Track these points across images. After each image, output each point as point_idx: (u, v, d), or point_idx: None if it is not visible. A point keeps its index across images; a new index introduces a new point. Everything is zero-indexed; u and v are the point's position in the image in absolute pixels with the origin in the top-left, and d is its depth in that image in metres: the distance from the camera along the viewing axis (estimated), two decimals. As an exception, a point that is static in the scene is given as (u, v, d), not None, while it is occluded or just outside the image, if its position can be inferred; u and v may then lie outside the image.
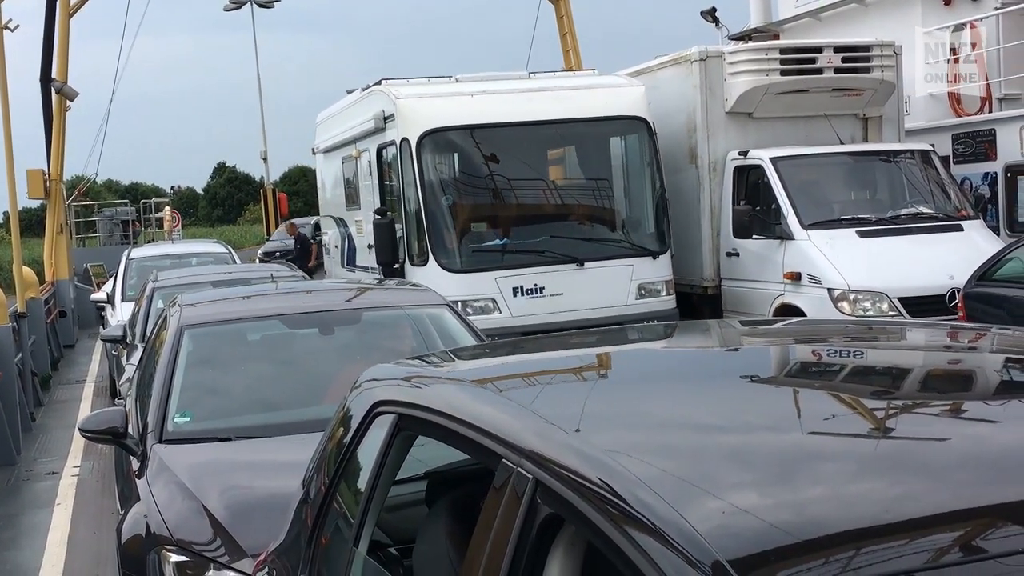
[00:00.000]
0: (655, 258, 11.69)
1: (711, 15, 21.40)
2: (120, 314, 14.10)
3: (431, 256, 11.24)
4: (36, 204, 26.31)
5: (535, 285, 11.24)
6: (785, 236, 11.35)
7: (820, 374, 2.53)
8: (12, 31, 18.43)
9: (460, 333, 6.16)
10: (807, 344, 2.86)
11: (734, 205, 12.06)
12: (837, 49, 12.41)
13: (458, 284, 10.91)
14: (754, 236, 11.80)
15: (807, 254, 11.09)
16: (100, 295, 17.02)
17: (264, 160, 36.17)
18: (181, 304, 6.52)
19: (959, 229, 11.43)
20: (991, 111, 14.71)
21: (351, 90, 14.74)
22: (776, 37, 17.73)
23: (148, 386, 5.95)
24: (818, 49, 12.46)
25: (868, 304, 10.55)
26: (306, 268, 21.99)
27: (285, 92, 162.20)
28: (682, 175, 12.47)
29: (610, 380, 2.68)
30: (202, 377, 5.93)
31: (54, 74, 21.15)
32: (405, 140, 11.45)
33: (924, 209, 11.74)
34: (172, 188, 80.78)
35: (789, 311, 11.10)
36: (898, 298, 10.49)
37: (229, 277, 10.67)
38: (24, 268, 15.40)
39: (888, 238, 11.13)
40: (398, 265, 11.60)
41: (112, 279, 17.88)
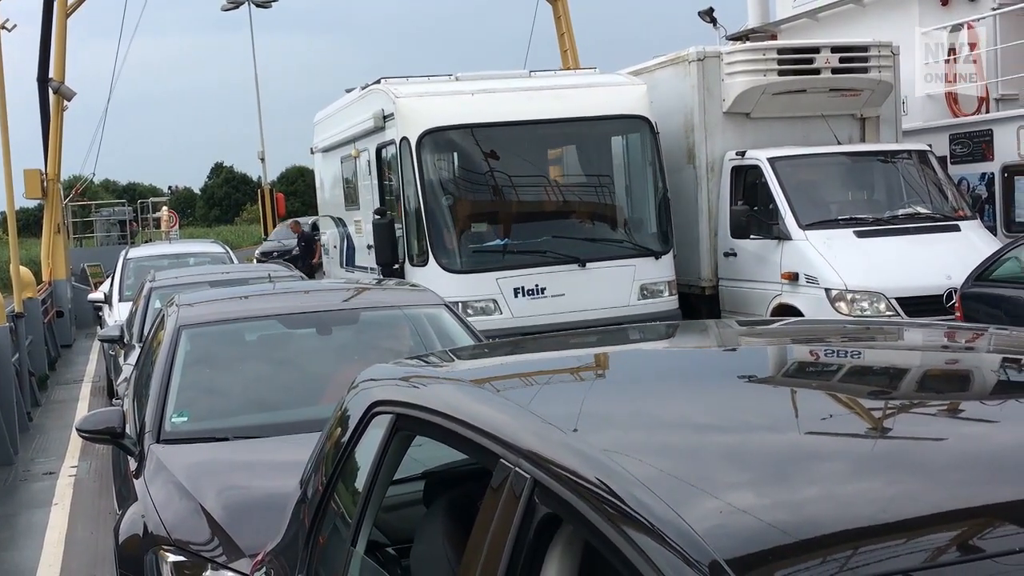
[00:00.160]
0: (657, 258, 11.59)
1: (709, 15, 21.41)
2: (117, 314, 14.10)
3: (431, 256, 11.13)
4: (33, 204, 26.27)
5: (536, 286, 11.13)
6: (783, 236, 11.35)
7: (817, 374, 2.53)
8: (9, 31, 18.45)
9: (458, 333, 6.16)
10: (804, 344, 2.86)
11: (732, 205, 12.06)
12: (835, 49, 12.41)
13: (458, 285, 10.83)
14: (752, 236, 11.79)
15: (805, 254, 11.09)
16: (97, 295, 17.02)
17: (262, 160, 36.14)
18: (178, 304, 6.52)
19: (956, 229, 11.43)
20: (988, 111, 14.71)
21: (350, 89, 14.61)
22: (774, 37, 17.74)
23: (145, 386, 5.95)
24: (815, 49, 12.46)
25: (865, 304, 10.55)
26: (309, 266, 22.01)
27: (283, 92, 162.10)
28: (680, 175, 12.46)
29: (608, 380, 2.68)
30: (199, 377, 5.92)
31: (51, 74, 21.12)
32: (405, 139, 11.35)
33: (921, 209, 11.74)
34: (169, 188, 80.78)
35: (787, 311, 11.10)
36: (895, 298, 10.49)
37: (226, 277, 10.66)
38: (21, 268, 15.37)
39: (885, 238, 11.13)
40: (398, 265, 11.50)
41: (109, 279, 17.89)
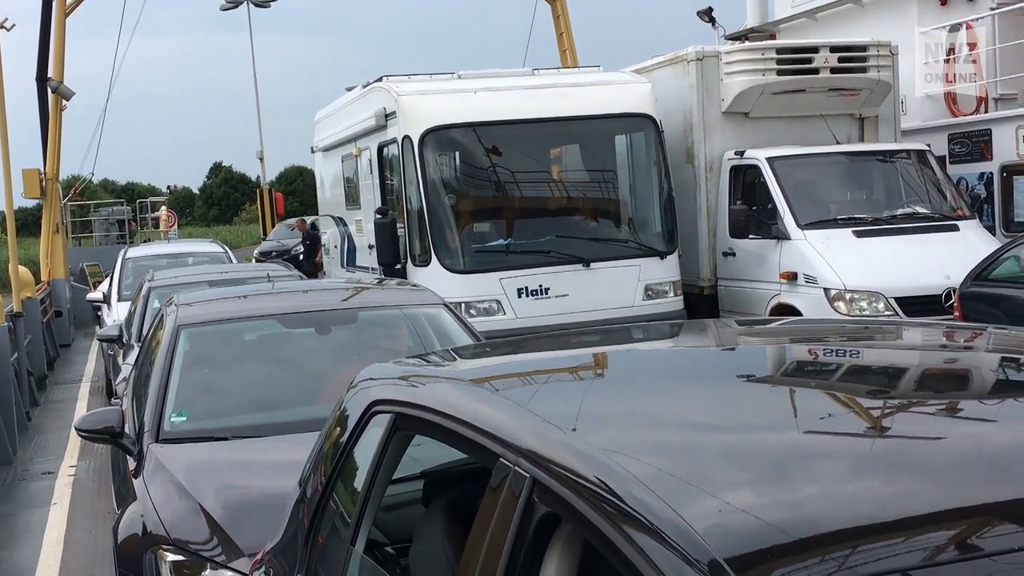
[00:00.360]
0: (662, 258, 11.49)
1: (707, 15, 21.43)
2: (116, 314, 14.10)
3: (434, 256, 11.01)
4: (32, 204, 26.27)
5: (540, 286, 11.02)
6: (781, 236, 11.35)
7: (816, 373, 2.53)
8: (8, 30, 18.43)
9: (457, 333, 6.15)
10: (803, 343, 2.86)
11: (730, 205, 12.05)
12: (833, 49, 12.41)
13: (461, 285, 10.74)
14: (750, 236, 11.79)
15: (803, 254, 11.09)
16: (96, 295, 17.01)
17: (260, 160, 36.10)
18: (177, 304, 6.52)
19: (955, 229, 11.43)
20: (987, 111, 14.72)
21: (351, 87, 14.52)
22: (772, 37, 17.74)
23: (144, 385, 5.94)
24: (814, 49, 12.46)
25: (864, 304, 10.55)
26: (314, 265, 22.04)
27: (282, 92, 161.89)
28: (679, 175, 12.44)
29: (607, 379, 2.68)
30: (198, 377, 5.92)
31: (50, 73, 21.12)
32: (407, 138, 11.24)
33: (920, 209, 11.74)
34: (168, 188, 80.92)
35: (785, 311, 11.09)
36: (894, 298, 10.49)
37: (225, 277, 10.65)
38: (20, 267, 15.36)
39: (884, 238, 11.12)
40: (400, 266, 11.39)
41: (108, 279, 17.88)
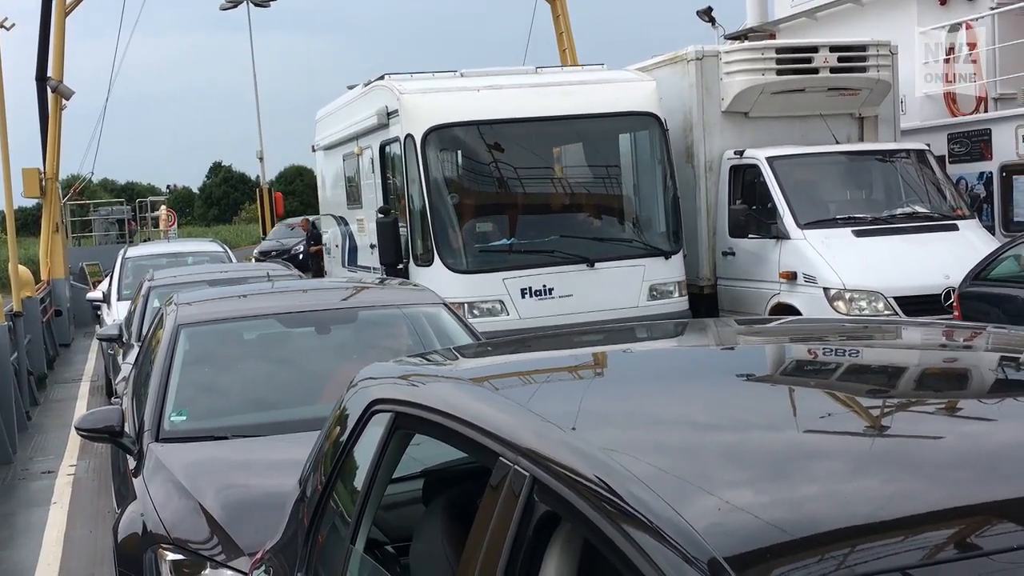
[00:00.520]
0: (667, 258, 11.39)
1: (707, 15, 21.46)
2: (116, 313, 14.10)
3: (436, 256, 10.91)
4: (32, 203, 26.26)
5: (544, 286, 10.92)
6: (781, 235, 11.35)
7: (816, 373, 2.53)
8: (8, 30, 18.45)
9: (457, 332, 6.15)
10: (803, 343, 2.87)
11: (730, 204, 12.06)
12: (833, 49, 12.41)
13: (464, 285, 10.68)
14: (750, 235, 11.79)
15: (803, 253, 11.09)
16: (96, 294, 17.01)
17: (260, 159, 36.10)
18: (177, 303, 6.52)
19: (955, 229, 11.43)
20: (987, 111, 14.73)
21: (352, 86, 14.45)
22: (772, 37, 17.74)
23: (144, 385, 5.94)
24: (814, 49, 12.46)
25: (864, 303, 10.56)
26: (318, 264, 22.00)
27: (282, 92, 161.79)
28: (678, 174, 12.43)
29: (606, 378, 2.68)
30: (198, 376, 5.92)
31: (50, 73, 21.11)
32: (410, 136, 11.16)
33: (920, 209, 11.75)
34: (168, 187, 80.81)
35: (785, 310, 11.10)
36: (894, 297, 10.49)
37: (225, 276, 10.66)
38: (20, 267, 15.36)
39: (884, 237, 11.13)
40: (402, 265, 11.30)
41: (108, 278, 17.88)
